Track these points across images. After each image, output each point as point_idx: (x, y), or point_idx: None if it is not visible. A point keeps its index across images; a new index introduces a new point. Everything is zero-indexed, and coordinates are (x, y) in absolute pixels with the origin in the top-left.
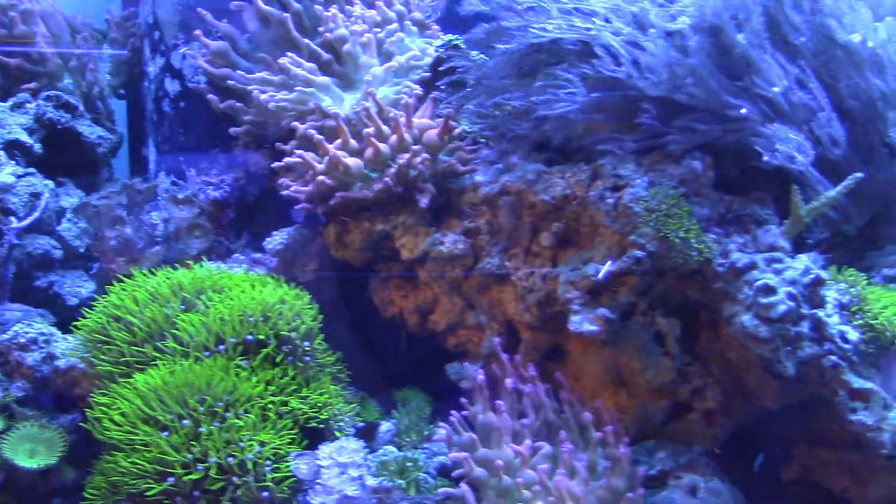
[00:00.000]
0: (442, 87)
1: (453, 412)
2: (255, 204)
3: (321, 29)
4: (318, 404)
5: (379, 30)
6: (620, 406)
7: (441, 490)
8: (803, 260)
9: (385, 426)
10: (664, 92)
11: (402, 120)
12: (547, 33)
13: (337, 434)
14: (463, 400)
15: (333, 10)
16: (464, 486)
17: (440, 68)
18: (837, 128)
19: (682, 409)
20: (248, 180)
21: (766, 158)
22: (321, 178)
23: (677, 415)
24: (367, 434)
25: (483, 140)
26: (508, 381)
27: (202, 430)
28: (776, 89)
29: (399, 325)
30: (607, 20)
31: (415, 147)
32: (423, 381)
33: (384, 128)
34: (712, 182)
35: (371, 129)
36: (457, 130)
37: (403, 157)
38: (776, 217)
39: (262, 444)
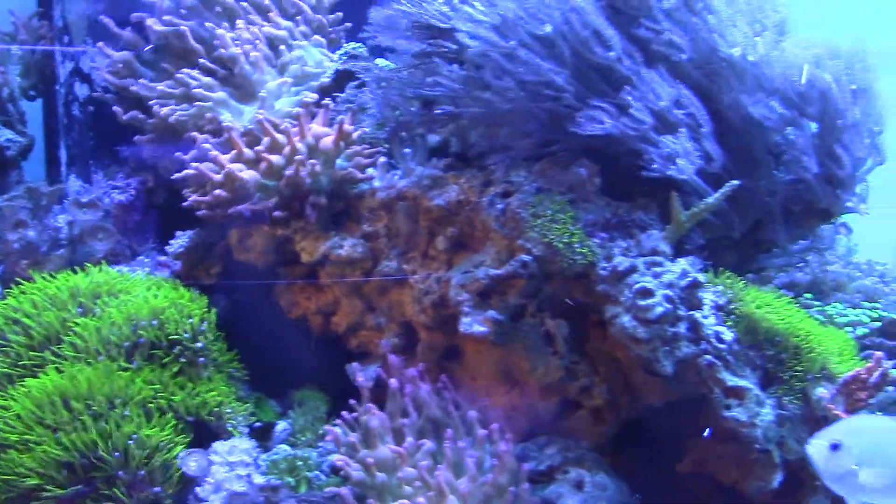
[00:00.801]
0: (341, 95)
1: (343, 413)
2: (163, 207)
3: (217, 43)
4: (208, 402)
5: (276, 42)
6: (514, 404)
7: (328, 489)
8: (682, 264)
9: (281, 426)
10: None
11: (295, 130)
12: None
13: (232, 432)
14: (352, 401)
15: (220, 31)
16: (344, 489)
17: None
18: (712, 142)
19: (571, 407)
20: (156, 183)
21: (655, 167)
22: (218, 190)
23: (567, 412)
24: (263, 433)
25: (385, 145)
26: (393, 382)
27: (89, 429)
28: (663, 103)
29: (304, 326)
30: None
31: (297, 157)
32: (327, 382)
33: (279, 138)
34: (598, 188)
35: (266, 141)
36: (356, 134)
37: (290, 169)
38: (660, 222)
39: (149, 440)
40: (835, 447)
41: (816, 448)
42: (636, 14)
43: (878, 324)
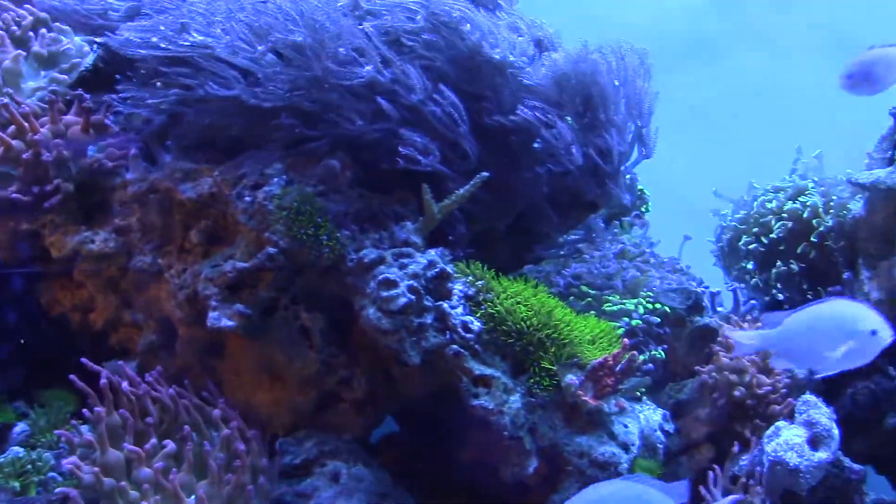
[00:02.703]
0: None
1: (85, 412)
2: None
3: None
4: None
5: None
6: (276, 398)
7: (58, 489)
8: (431, 255)
9: (19, 427)
10: (283, 102)
11: (45, 118)
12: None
13: None
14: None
15: None
16: (73, 490)
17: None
18: (470, 137)
19: (333, 400)
20: None
21: (401, 158)
22: None
23: (328, 405)
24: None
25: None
26: (124, 385)
27: None
28: (416, 97)
29: (67, 324)
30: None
31: (35, 137)
32: (85, 381)
33: (23, 123)
34: (351, 181)
35: (12, 128)
36: (112, 127)
37: (28, 153)
38: (418, 214)
39: None
40: None
41: None
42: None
43: (647, 313)
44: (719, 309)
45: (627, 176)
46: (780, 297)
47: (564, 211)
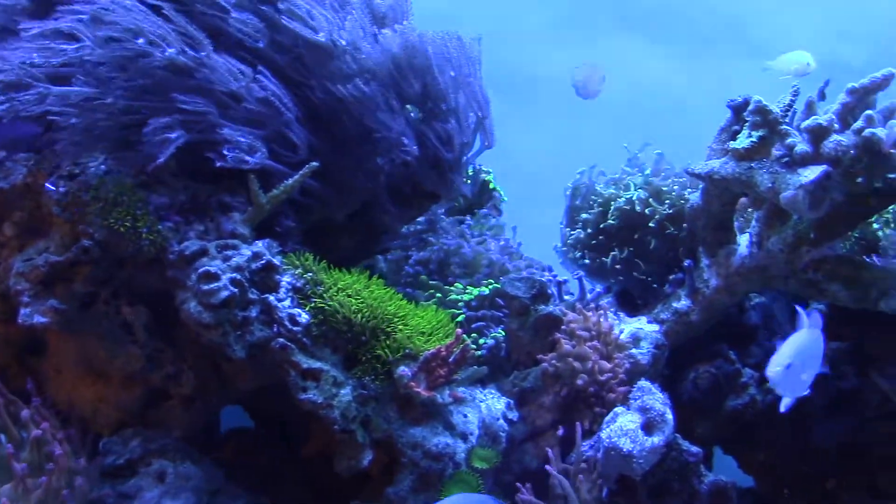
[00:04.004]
0: None
1: None
2: None
3: None
4: None
5: None
6: (100, 396)
7: None
8: (258, 246)
9: None
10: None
11: None
12: None
13: None
14: None
15: None
16: None
17: None
18: (299, 127)
19: (161, 396)
20: None
21: (225, 156)
22: None
23: (156, 402)
24: None
25: None
26: None
27: None
28: (235, 88)
29: None
30: None
31: None
32: None
33: None
34: (175, 171)
35: None
36: None
37: None
38: (247, 204)
39: None
40: None
41: None
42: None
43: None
44: (566, 297)
45: (471, 167)
46: (620, 285)
47: (406, 201)
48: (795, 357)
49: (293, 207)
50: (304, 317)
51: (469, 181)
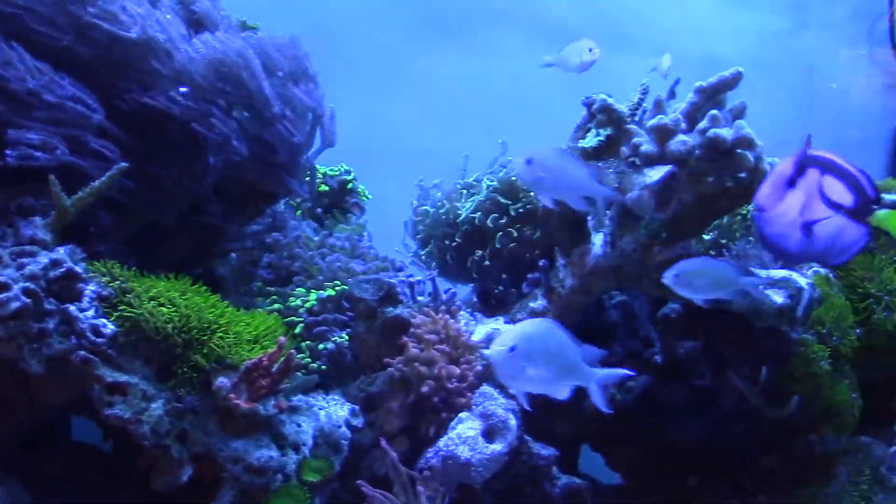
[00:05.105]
0: None
1: None
2: None
3: None
4: None
5: None
6: None
7: None
8: (59, 253)
9: None
10: None
11: None
12: None
13: None
14: None
15: None
16: None
17: None
18: (110, 129)
19: None
20: None
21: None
22: None
23: None
24: None
25: None
26: None
27: None
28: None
29: None
30: None
31: None
32: None
33: None
34: None
35: None
36: None
37: None
38: (52, 207)
39: None
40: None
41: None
42: None
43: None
44: (420, 298)
45: (310, 167)
46: (479, 284)
47: (239, 203)
48: (522, 342)
49: (115, 209)
50: (109, 327)
51: (309, 179)
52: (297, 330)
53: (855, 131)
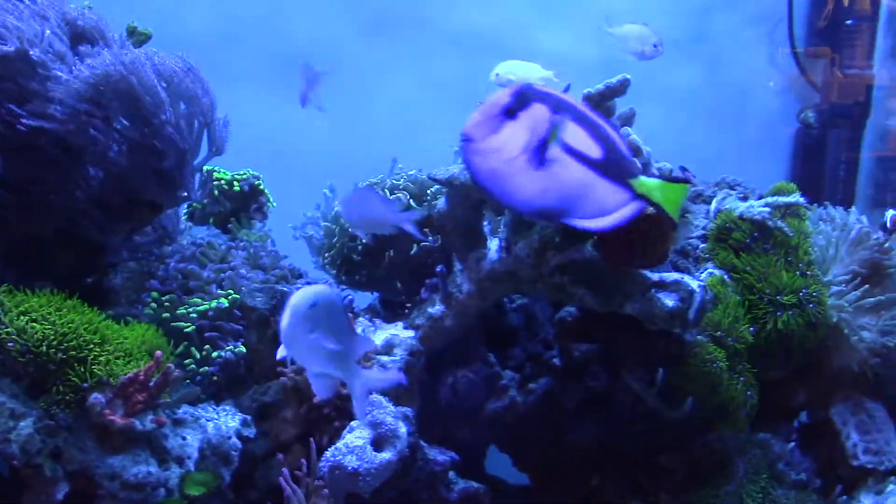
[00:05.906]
0: None
1: None
2: None
3: None
4: None
5: None
6: None
7: None
8: None
9: None
10: None
11: None
12: None
13: None
14: None
15: None
16: None
17: None
18: None
19: None
20: None
21: None
22: None
23: None
24: None
25: None
26: None
27: None
28: None
29: None
30: None
31: None
32: None
33: None
34: None
35: None
36: None
37: None
38: None
39: None
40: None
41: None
42: None
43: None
44: None
45: (196, 175)
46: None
47: (121, 213)
48: (322, 301)
49: None
50: None
51: (200, 189)
52: (189, 329)
53: (755, 131)
